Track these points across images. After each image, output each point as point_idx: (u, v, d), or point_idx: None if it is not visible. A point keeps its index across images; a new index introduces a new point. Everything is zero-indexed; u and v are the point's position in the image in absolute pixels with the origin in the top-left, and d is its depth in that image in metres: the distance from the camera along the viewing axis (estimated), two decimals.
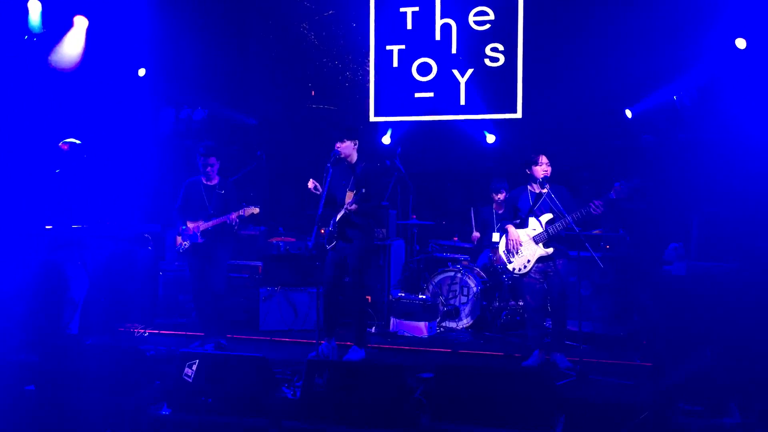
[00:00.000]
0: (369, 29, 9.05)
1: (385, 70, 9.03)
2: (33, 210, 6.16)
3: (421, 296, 7.28)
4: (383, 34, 9.03)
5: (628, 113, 8.22)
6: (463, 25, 8.77)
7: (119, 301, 7.22)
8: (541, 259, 5.88)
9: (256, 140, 9.44)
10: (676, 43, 7.66)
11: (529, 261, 5.90)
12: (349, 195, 5.96)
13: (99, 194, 6.34)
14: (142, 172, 8.26)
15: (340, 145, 6.03)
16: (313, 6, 9.20)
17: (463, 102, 8.74)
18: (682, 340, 5.36)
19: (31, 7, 7.48)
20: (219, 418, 4.52)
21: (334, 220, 5.99)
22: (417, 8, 8.92)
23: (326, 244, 6.07)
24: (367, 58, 9.07)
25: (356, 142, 6.10)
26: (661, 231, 7.20)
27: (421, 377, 5.25)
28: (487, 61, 8.69)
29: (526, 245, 5.92)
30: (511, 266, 6.01)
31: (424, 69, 8.91)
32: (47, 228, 6.10)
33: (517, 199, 6.08)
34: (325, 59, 9.27)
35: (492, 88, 8.68)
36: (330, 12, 9.22)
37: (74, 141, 6.32)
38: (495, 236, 6.89)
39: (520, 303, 7.10)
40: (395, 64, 8.99)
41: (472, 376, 4.46)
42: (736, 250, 6.33)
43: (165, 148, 8.87)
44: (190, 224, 6.32)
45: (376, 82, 9.06)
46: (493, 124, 8.73)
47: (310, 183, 5.99)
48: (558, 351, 5.87)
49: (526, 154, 6.05)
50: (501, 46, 8.64)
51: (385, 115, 9.06)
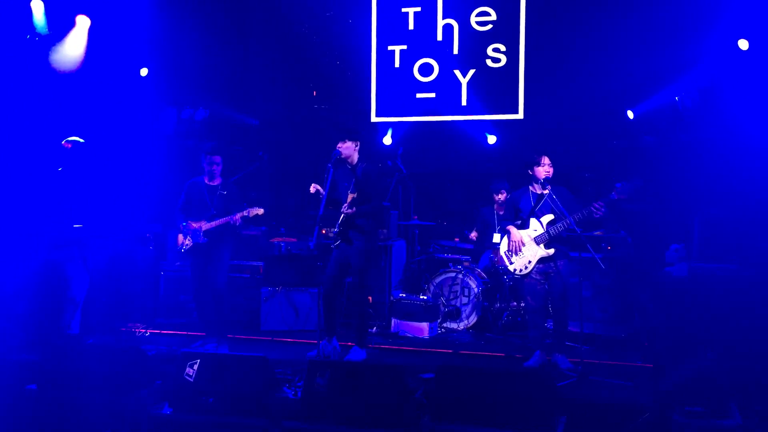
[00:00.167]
0: (371, 29, 9.05)
1: (386, 71, 9.02)
2: (34, 209, 6.16)
3: (422, 297, 7.28)
4: (385, 34, 9.02)
5: (630, 114, 8.21)
6: (464, 25, 8.76)
7: (120, 301, 7.24)
8: (542, 260, 5.88)
9: (258, 140, 9.44)
10: (678, 44, 7.65)
11: (530, 262, 5.90)
12: (350, 196, 5.97)
13: (100, 194, 6.33)
14: (144, 172, 8.25)
15: (341, 145, 6.03)
16: (315, 6, 9.20)
17: (464, 102, 8.72)
18: (683, 342, 5.36)
19: (34, 7, 7.47)
20: (220, 418, 4.52)
21: (339, 220, 6.00)
22: (419, 8, 8.90)
23: (331, 244, 6.09)
24: (369, 59, 9.07)
25: (357, 143, 6.10)
26: (662, 232, 7.19)
27: (422, 378, 5.25)
28: (489, 62, 8.68)
29: (527, 246, 5.92)
30: (512, 267, 6.01)
31: (426, 69, 8.91)
32: (49, 227, 6.09)
33: (519, 200, 6.08)
34: (327, 59, 9.26)
35: (494, 89, 8.67)
36: (332, 12, 9.21)
37: (77, 139, 6.30)
38: (496, 237, 6.90)
39: (521, 304, 7.09)
40: (397, 65, 8.99)
41: (473, 377, 4.45)
42: (737, 252, 6.33)
43: (166, 148, 8.86)
44: (193, 224, 6.33)
45: (377, 82, 9.06)
46: (494, 125, 8.73)
47: (312, 188, 5.98)
48: (559, 352, 5.87)
49: (528, 155, 6.04)
50: (503, 47, 8.63)
51: (387, 116, 9.06)
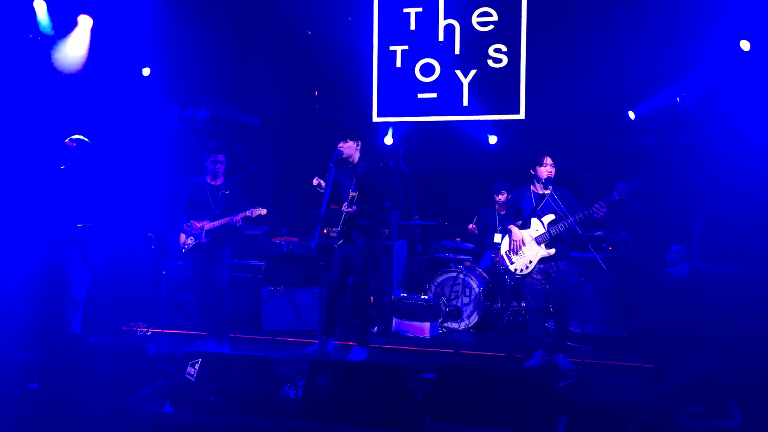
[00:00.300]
0: (372, 30, 9.04)
1: (388, 71, 9.02)
2: (37, 208, 6.16)
3: (423, 297, 7.29)
4: (386, 34, 9.02)
5: (631, 114, 8.22)
6: (466, 25, 8.75)
7: (122, 300, 7.24)
8: (543, 260, 5.88)
9: (260, 140, 9.45)
10: (679, 45, 7.64)
11: (531, 262, 5.90)
12: (352, 195, 5.98)
13: (103, 193, 6.33)
14: (146, 171, 8.26)
15: (342, 145, 6.05)
16: (317, 6, 9.20)
17: (465, 103, 8.72)
18: (684, 342, 5.37)
19: (37, 7, 7.48)
20: (221, 417, 4.53)
21: (341, 220, 6.02)
22: (420, 9, 8.89)
23: (334, 244, 6.11)
24: (370, 59, 9.07)
25: (359, 143, 6.12)
26: (663, 233, 7.20)
27: (423, 378, 5.25)
28: (490, 62, 8.67)
29: (528, 246, 5.93)
30: (512, 267, 6.01)
31: (427, 70, 8.90)
32: (50, 226, 6.10)
33: (520, 200, 6.08)
34: (329, 60, 9.26)
35: (495, 89, 8.65)
36: (333, 12, 9.21)
37: (81, 138, 6.29)
38: (497, 237, 6.90)
39: (522, 304, 7.09)
40: (398, 65, 8.98)
41: (474, 377, 4.46)
42: (738, 252, 6.33)
43: (169, 147, 8.87)
44: (196, 223, 6.34)
45: (379, 82, 9.05)
46: (495, 125, 8.73)
47: (315, 180, 6.02)
48: (560, 352, 5.87)
49: (529, 155, 6.05)
50: (504, 47, 8.62)
51: (388, 116, 9.05)
